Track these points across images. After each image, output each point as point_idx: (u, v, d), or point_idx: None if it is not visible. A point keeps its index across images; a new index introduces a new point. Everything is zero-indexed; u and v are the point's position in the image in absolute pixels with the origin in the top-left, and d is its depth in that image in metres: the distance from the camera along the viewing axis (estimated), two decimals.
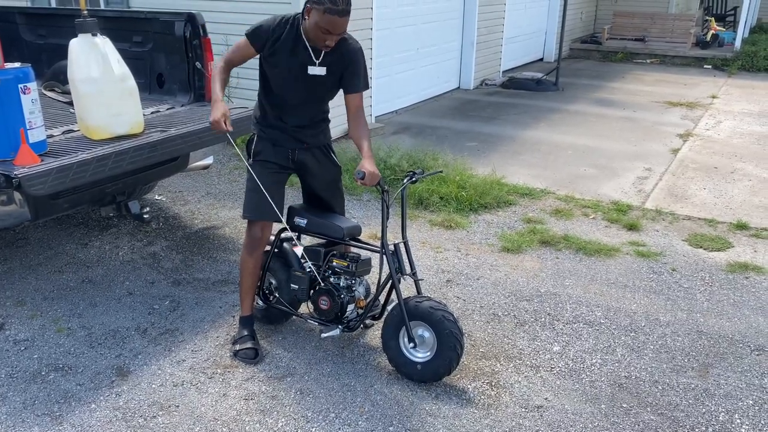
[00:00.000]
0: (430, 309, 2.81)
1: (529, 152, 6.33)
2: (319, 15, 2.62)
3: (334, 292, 3.02)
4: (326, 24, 2.63)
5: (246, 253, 3.08)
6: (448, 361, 2.81)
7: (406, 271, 2.92)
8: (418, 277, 3.00)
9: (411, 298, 2.88)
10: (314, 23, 2.66)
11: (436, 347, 2.81)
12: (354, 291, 3.06)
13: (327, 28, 2.65)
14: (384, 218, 2.90)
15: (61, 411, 2.74)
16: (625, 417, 2.74)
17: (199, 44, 4.03)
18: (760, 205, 5.03)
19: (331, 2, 2.59)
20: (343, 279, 3.04)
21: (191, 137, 3.58)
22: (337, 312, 3.03)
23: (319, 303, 3.06)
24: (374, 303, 3.05)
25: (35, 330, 3.32)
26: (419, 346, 2.87)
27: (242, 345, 3.10)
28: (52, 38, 4.64)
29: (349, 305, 3.06)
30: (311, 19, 2.67)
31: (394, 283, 2.88)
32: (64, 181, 2.98)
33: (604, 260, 4.13)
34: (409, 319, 2.84)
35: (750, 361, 3.12)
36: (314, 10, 2.64)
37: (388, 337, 2.94)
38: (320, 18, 2.62)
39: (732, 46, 11.87)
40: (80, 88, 3.28)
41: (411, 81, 7.97)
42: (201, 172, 5.50)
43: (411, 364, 2.89)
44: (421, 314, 2.83)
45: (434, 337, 2.81)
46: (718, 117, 7.83)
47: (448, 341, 2.77)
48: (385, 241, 2.90)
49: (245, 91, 6.30)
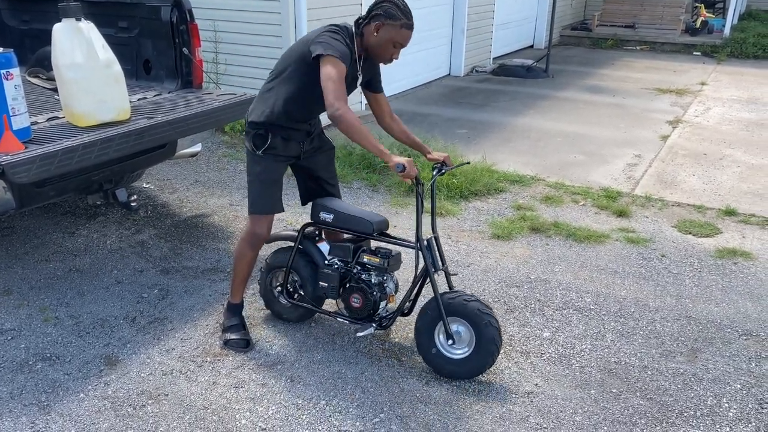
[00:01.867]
0: (464, 302, 2.75)
1: (519, 139, 6.32)
2: (395, 31, 2.67)
3: (367, 290, 2.92)
4: (401, 38, 2.69)
5: (247, 247, 2.99)
6: (490, 354, 2.75)
7: (439, 266, 2.86)
8: (451, 272, 2.95)
9: (444, 294, 2.81)
10: (388, 38, 2.68)
11: (475, 342, 2.75)
12: (386, 287, 2.99)
13: (401, 42, 2.70)
14: (419, 212, 2.82)
15: (48, 401, 2.72)
16: (614, 402, 2.75)
17: (186, 30, 3.97)
18: (748, 191, 5.05)
19: (406, 17, 2.66)
20: (375, 275, 2.96)
21: (179, 124, 3.54)
22: (369, 310, 2.95)
23: (351, 301, 2.96)
24: (409, 297, 2.97)
25: (22, 319, 3.29)
26: (457, 342, 2.81)
27: (233, 334, 3.07)
28: (36, 23, 4.56)
29: (381, 302, 2.98)
30: (383, 34, 2.68)
31: (431, 278, 2.80)
32: (49, 169, 2.94)
33: (594, 246, 4.14)
34: (446, 315, 2.78)
35: (738, 346, 3.14)
36: (388, 26, 2.66)
37: (423, 337, 2.86)
38: (396, 33, 2.67)
39: (721, 33, 11.89)
40: (65, 74, 3.23)
41: (401, 68, 7.91)
42: (189, 160, 5.46)
43: (450, 362, 2.82)
44: (456, 309, 2.76)
45: (471, 331, 2.76)
46: (707, 104, 7.85)
47: (487, 334, 2.72)
48: (420, 236, 2.80)
49: (232, 78, 6.26)
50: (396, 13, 2.66)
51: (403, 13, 2.67)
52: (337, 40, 2.64)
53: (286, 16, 5.90)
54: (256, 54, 6.17)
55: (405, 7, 2.70)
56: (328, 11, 6.25)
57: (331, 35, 2.65)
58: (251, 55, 6.20)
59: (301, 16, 5.92)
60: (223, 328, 3.12)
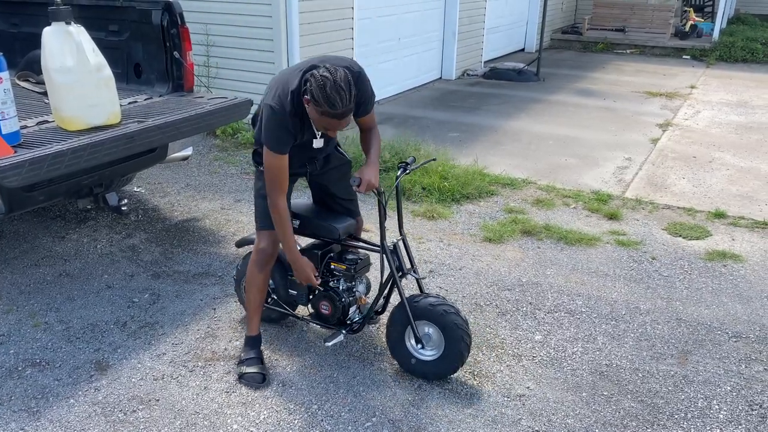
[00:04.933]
0: (431, 305, 2.75)
1: (510, 142, 6.34)
2: (317, 113, 2.43)
3: (335, 297, 2.92)
4: (326, 123, 2.46)
5: (256, 269, 2.87)
6: (459, 354, 2.76)
7: (406, 270, 2.85)
8: (420, 275, 2.93)
9: (411, 297, 2.81)
10: (313, 118, 2.50)
11: (444, 343, 2.76)
12: (355, 292, 2.98)
13: (326, 126, 2.50)
14: (382, 219, 2.82)
15: (38, 406, 2.70)
16: (606, 404, 2.76)
17: (177, 33, 3.96)
18: (737, 194, 5.09)
19: (329, 105, 2.35)
20: (343, 282, 2.95)
21: (169, 128, 3.53)
22: (339, 316, 2.95)
23: (320, 308, 2.97)
24: (377, 303, 2.97)
25: (11, 325, 3.26)
26: (427, 345, 2.81)
27: (249, 368, 2.89)
28: (26, 27, 4.54)
29: (350, 307, 2.98)
30: (310, 112, 2.48)
31: (397, 283, 2.81)
32: (39, 173, 2.92)
33: (585, 249, 4.15)
34: (414, 319, 2.78)
35: (728, 348, 3.16)
36: (312, 106, 2.43)
37: (395, 341, 2.87)
38: (318, 117, 2.44)
39: (710, 37, 11.98)
40: (55, 78, 3.22)
41: (393, 71, 7.94)
42: (180, 164, 5.44)
43: (421, 363, 2.83)
44: (423, 312, 2.76)
45: (440, 333, 2.76)
46: (696, 107, 7.91)
47: (454, 334, 2.72)
48: (384, 243, 2.82)
49: (224, 81, 6.25)
50: (318, 98, 2.35)
51: (325, 100, 2.33)
52: (270, 129, 2.53)
53: (278, 20, 5.90)
54: (248, 58, 6.16)
55: (332, 92, 2.33)
56: (319, 14, 6.25)
57: (267, 123, 2.53)
58: (242, 58, 6.19)
59: (292, 20, 5.91)
60: (239, 361, 2.95)
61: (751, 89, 9.02)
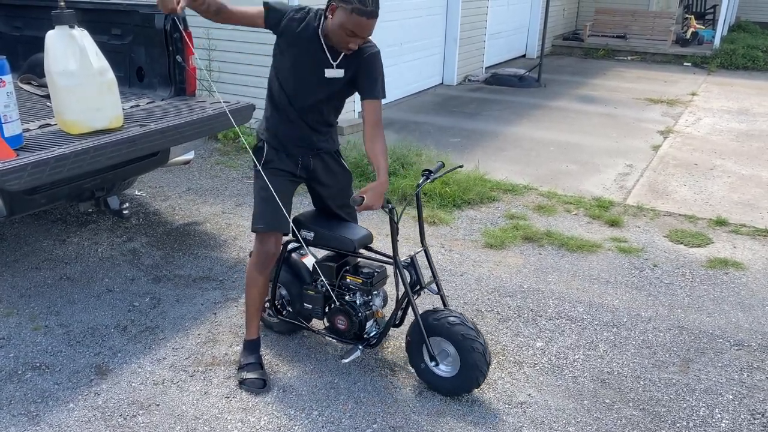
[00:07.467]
0: (448, 325, 2.67)
1: (511, 148, 6.34)
2: (345, 15, 2.40)
3: (351, 312, 2.85)
4: (352, 25, 2.41)
5: (255, 271, 2.82)
6: (474, 379, 2.70)
7: (424, 283, 2.77)
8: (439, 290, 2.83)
9: (428, 313, 2.75)
10: (339, 23, 2.43)
11: (460, 364, 2.70)
12: (371, 306, 2.90)
13: (353, 29, 2.42)
14: (393, 235, 2.71)
15: (38, 411, 2.69)
16: (607, 412, 2.75)
17: (179, 37, 3.96)
18: (738, 201, 5.09)
19: (359, 2, 2.37)
20: (359, 296, 2.88)
21: (172, 132, 3.52)
22: (355, 331, 2.88)
23: (336, 323, 2.90)
24: (395, 317, 2.88)
25: (11, 328, 3.25)
26: (442, 362, 2.76)
27: (249, 373, 2.86)
28: (29, 30, 4.54)
29: (367, 321, 2.90)
30: (336, 18, 2.44)
31: (411, 301, 2.72)
32: (41, 177, 2.91)
33: (587, 256, 4.15)
34: (428, 336, 2.72)
35: (730, 356, 3.15)
36: (340, 8, 2.41)
37: (414, 356, 2.83)
38: (346, 18, 2.40)
39: (711, 44, 12.02)
40: (57, 81, 3.21)
41: (395, 76, 7.94)
42: (182, 168, 5.44)
43: (439, 379, 2.79)
44: (440, 331, 2.69)
45: (457, 353, 2.70)
46: (697, 114, 7.92)
47: (471, 359, 2.65)
48: (396, 258, 2.72)
49: (226, 86, 6.25)
50: None
51: None
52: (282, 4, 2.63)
53: None
54: (250, 62, 6.16)
55: None
56: None
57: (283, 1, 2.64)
58: (245, 63, 6.19)
59: None
60: (239, 366, 2.93)
61: (752, 97, 9.04)
